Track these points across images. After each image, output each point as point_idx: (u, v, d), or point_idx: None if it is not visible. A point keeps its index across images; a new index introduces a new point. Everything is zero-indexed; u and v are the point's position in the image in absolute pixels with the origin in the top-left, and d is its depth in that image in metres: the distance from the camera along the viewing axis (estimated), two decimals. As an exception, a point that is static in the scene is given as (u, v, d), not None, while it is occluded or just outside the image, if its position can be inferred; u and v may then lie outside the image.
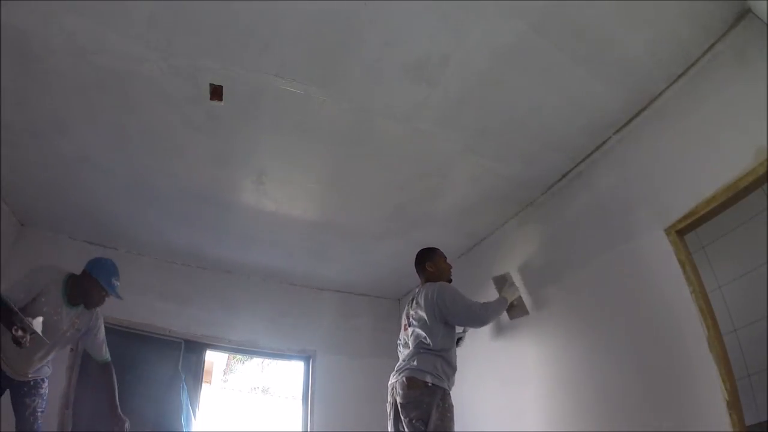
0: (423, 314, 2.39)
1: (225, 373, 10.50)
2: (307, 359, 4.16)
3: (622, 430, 2.18)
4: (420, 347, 2.33)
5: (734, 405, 1.75)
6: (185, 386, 3.58)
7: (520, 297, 2.88)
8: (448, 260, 2.76)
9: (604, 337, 2.41)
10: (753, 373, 2.35)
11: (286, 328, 4.13)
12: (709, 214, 2.00)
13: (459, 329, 2.68)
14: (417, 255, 2.72)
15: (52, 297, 2.36)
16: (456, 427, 3.11)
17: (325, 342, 4.20)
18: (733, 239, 2.60)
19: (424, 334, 2.34)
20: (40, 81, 2.25)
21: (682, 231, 2.11)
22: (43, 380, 2.53)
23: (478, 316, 2.43)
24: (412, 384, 2.22)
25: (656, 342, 2.12)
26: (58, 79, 2.23)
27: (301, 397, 4.10)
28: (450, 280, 2.67)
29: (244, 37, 2.04)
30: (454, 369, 2.37)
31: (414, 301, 2.55)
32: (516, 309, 2.91)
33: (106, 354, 2.66)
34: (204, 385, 3.89)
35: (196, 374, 3.73)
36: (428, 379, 2.21)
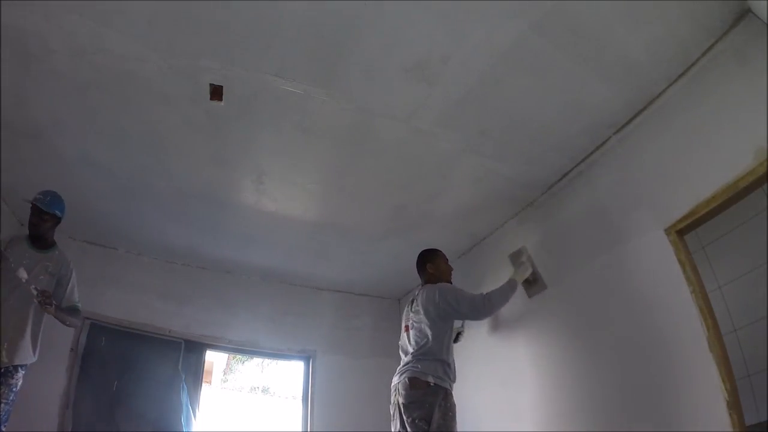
0: (423, 316, 2.43)
1: (225, 373, 10.50)
2: (307, 359, 4.15)
3: (622, 430, 2.18)
4: (421, 350, 2.36)
5: (734, 405, 1.75)
6: (185, 386, 3.58)
7: (533, 273, 2.82)
8: (449, 262, 2.78)
9: (604, 337, 2.42)
10: (753, 373, 2.34)
11: (286, 328, 4.13)
12: (709, 214, 2.00)
13: (458, 323, 2.69)
14: (419, 256, 2.75)
15: (17, 248, 2.46)
16: (456, 427, 3.11)
17: (325, 342, 4.20)
18: (733, 239, 2.60)
19: (424, 337, 2.37)
20: (40, 81, 2.25)
21: (682, 231, 2.11)
22: (16, 369, 2.35)
23: (482, 309, 2.46)
24: (414, 384, 2.25)
25: (656, 342, 2.12)
26: (58, 79, 2.23)
27: (301, 397, 4.10)
28: (450, 282, 2.68)
29: (244, 37, 2.04)
30: (453, 370, 2.41)
31: (414, 303, 2.58)
32: (533, 286, 2.85)
33: (77, 301, 2.65)
34: (204, 385, 3.89)
35: (196, 374, 3.73)
36: (430, 379, 2.25)
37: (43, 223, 2.53)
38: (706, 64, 2.11)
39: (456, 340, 2.55)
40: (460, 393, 3.40)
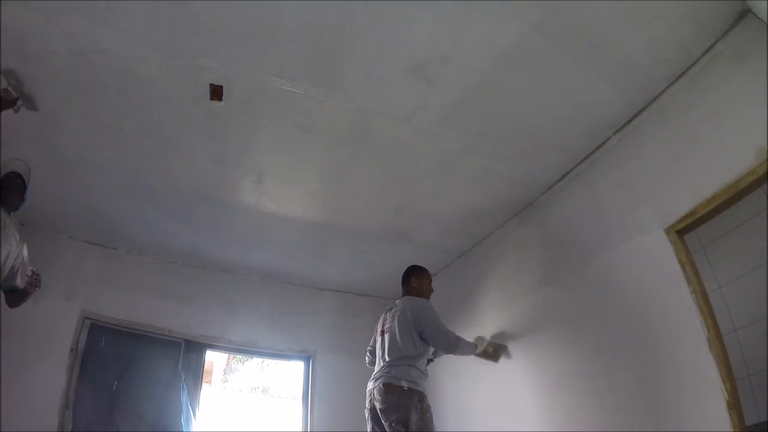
0: (401, 325, 2.51)
1: (225, 373, 10.50)
2: (307, 359, 4.15)
3: (622, 430, 2.18)
4: (395, 357, 2.44)
5: (734, 405, 1.75)
6: (185, 386, 3.58)
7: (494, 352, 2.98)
8: (432, 284, 2.87)
9: (603, 337, 2.41)
10: (753, 373, 2.34)
11: (286, 328, 4.13)
12: (709, 214, 2.00)
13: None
14: (408, 268, 2.85)
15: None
16: (456, 428, 3.12)
17: (325, 342, 4.20)
18: (733, 239, 2.60)
19: (399, 344, 2.46)
20: (40, 81, 2.25)
21: (682, 231, 2.11)
22: None
23: (450, 344, 2.54)
24: (389, 389, 2.34)
25: (656, 342, 2.12)
26: (58, 79, 2.23)
27: (301, 397, 4.10)
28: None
29: (244, 37, 2.04)
30: (426, 376, 2.51)
31: (392, 311, 2.67)
32: (486, 355, 2.97)
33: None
34: (204, 385, 3.89)
35: (196, 374, 3.73)
36: (404, 384, 2.34)
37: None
38: (706, 64, 2.11)
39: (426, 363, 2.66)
40: (460, 393, 3.42)
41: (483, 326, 3.32)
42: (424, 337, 2.51)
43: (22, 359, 3.03)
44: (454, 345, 2.55)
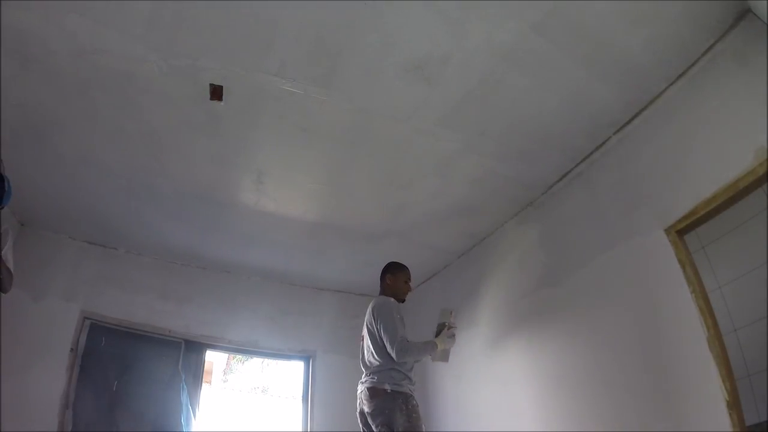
0: (370, 331, 2.48)
1: (225, 373, 10.50)
2: (307, 359, 4.16)
3: (622, 430, 2.18)
4: (374, 362, 2.42)
5: (734, 405, 1.75)
6: (185, 386, 3.58)
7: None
8: (410, 284, 2.71)
9: (603, 337, 2.41)
10: (753, 373, 2.34)
11: (286, 328, 4.14)
12: (709, 214, 2.00)
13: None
14: (385, 265, 2.72)
15: None
16: (456, 428, 3.11)
17: (325, 342, 4.21)
18: (733, 239, 2.59)
19: (373, 354, 2.42)
20: (40, 81, 2.25)
21: (682, 231, 2.11)
22: None
23: (394, 347, 2.32)
24: (373, 393, 2.34)
25: (656, 342, 2.12)
26: (58, 79, 2.23)
27: (301, 397, 4.10)
28: (403, 301, 2.62)
29: (244, 37, 2.04)
30: (411, 378, 2.41)
31: (367, 314, 2.58)
32: (442, 355, 2.56)
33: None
34: (204, 385, 3.89)
35: (196, 374, 3.74)
36: (387, 387, 2.33)
37: None
38: (706, 64, 2.11)
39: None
40: (460, 393, 3.42)
41: (483, 326, 3.33)
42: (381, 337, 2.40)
43: (22, 359, 3.04)
44: (400, 351, 2.30)
